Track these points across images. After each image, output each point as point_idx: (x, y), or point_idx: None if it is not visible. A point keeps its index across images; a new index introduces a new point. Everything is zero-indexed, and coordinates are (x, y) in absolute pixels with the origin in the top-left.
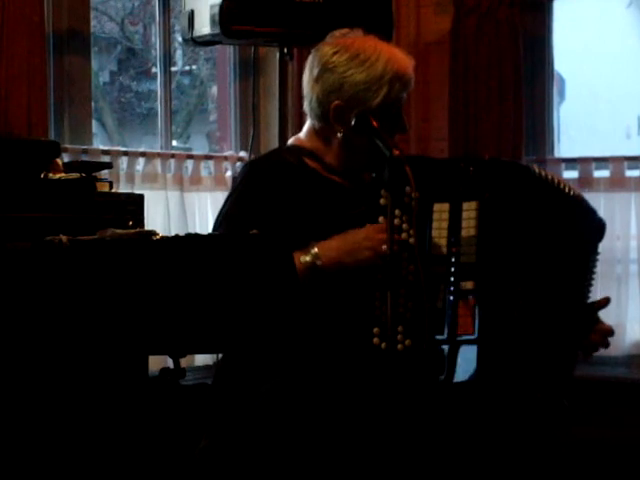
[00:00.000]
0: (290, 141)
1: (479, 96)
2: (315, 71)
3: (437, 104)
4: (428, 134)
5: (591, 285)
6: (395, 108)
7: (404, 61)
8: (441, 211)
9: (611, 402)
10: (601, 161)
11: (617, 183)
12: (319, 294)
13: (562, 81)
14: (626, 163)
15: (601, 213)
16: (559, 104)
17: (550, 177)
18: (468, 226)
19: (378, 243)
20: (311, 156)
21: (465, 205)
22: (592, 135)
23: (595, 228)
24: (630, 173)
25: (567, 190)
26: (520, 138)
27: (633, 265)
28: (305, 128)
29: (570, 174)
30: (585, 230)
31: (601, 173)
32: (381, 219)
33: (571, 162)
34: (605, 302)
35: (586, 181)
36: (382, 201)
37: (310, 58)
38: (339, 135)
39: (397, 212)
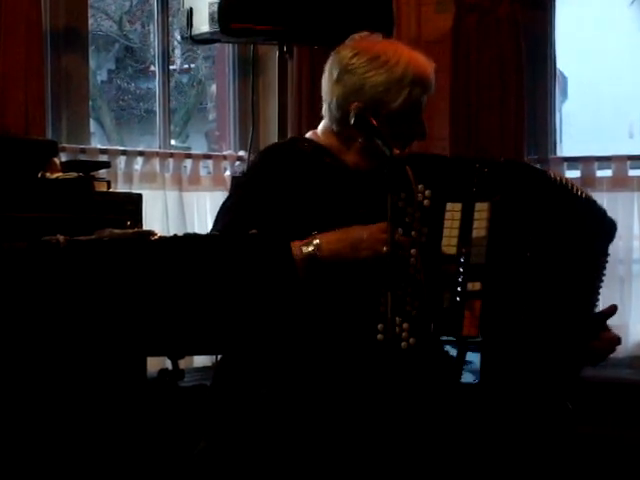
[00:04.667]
0: (308, 135)
1: (480, 95)
2: (335, 73)
3: (438, 103)
4: (429, 133)
5: (599, 289)
6: (415, 112)
7: (424, 65)
8: (453, 210)
9: (614, 403)
10: (604, 160)
11: (620, 182)
12: (324, 288)
13: (564, 80)
14: (629, 162)
15: None
16: (561, 103)
17: (565, 181)
18: (479, 227)
19: (379, 243)
20: (325, 153)
21: (477, 206)
22: (594, 134)
23: (606, 231)
24: (633, 172)
25: (580, 194)
26: (522, 137)
27: (636, 265)
28: (322, 126)
29: (572, 173)
30: (596, 234)
31: (604, 172)
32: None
33: (573, 161)
34: (612, 310)
35: (588, 180)
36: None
37: (330, 61)
38: (360, 140)
39: (409, 210)
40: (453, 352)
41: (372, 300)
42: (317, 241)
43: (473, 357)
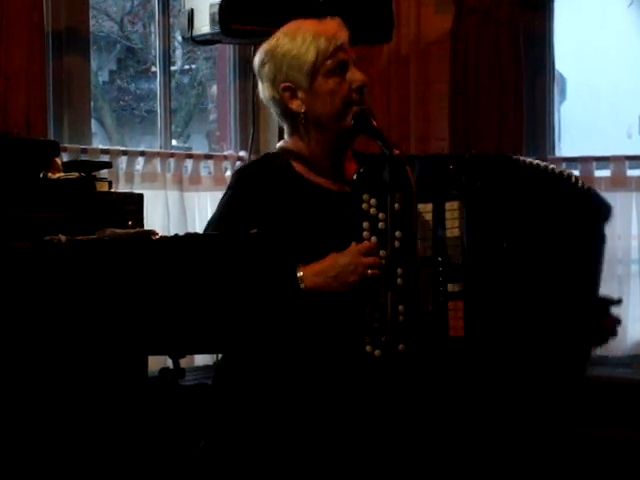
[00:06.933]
0: (279, 144)
1: (479, 96)
2: (258, 74)
3: (437, 104)
4: (428, 134)
5: (600, 273)
6: (340, 63)
7: (320, 21)
8: (425, 212)
9: (612, 402)
10: (602, 160)
11: (618, 182)
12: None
13: (563, 80)
14: (627, 162)
15: None
16: (560, 103)
17: (536, 164)
18: (452, 226)
19: (363, 267)
20: (299, 158)
21: (448, 205)
22: (593, 134)
23: (596, 208)
24: (631, 172)
25: (557, 172)
26: (521, 137)
27: (634, 265)
28: (286, 132)
29: None
30: (582, 210)
31: (602, 172)
32: (365, 224)
33: (572, 161)
34: (617, 301)
35: (587, 180)
36: (364, 206)
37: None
38: (302, 113)
39: (381, 216)
40: (441, 354)
41: (356, 312)
42: (300, 274)
43: (462, 356)
